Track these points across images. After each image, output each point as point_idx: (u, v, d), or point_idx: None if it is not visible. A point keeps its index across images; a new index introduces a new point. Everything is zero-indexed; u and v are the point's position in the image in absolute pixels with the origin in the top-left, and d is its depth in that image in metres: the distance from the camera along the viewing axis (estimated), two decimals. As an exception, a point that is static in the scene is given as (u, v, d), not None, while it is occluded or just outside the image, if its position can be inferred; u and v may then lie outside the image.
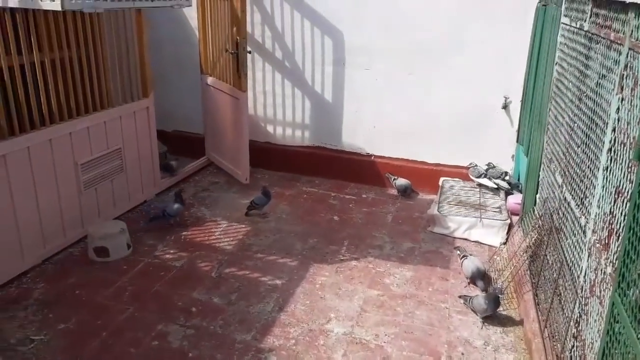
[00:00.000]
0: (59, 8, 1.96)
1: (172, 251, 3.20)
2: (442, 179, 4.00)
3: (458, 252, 3.12)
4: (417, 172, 4.11)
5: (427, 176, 4.08)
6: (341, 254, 3.24)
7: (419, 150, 4.10)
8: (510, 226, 3.40)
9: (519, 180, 3.76)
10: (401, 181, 4.04)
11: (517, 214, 3.46)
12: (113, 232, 3.05)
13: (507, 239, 3.34)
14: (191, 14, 4.29)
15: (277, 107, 4.40)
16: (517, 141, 3.71)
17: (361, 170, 4.26)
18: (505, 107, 3.79)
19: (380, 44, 3.91)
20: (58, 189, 3.02)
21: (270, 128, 4.49)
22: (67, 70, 3.01)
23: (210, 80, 4.22)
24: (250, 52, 3.94)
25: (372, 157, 4.26)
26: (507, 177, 3.77)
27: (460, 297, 2.74)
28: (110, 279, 2.85)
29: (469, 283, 2.91)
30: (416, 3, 3.74)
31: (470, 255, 3.04)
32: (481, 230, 3.40)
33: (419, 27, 3.78)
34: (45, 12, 2.76)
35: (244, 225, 3.58)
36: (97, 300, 2.66)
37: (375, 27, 3.88)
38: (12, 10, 2.60)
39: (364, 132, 4.21)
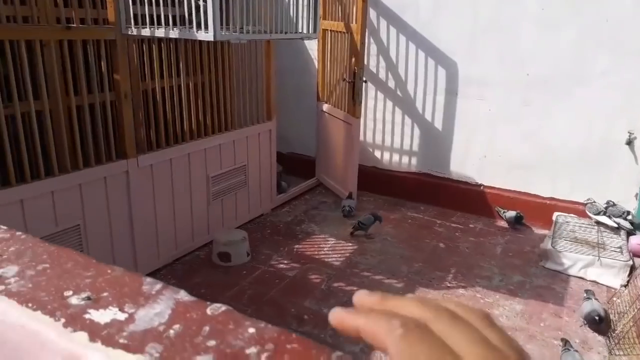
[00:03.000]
0: (211, 39, 2.28)
1: (285, 261, 3.43)
2: (556, 213, 3.86)
3: (585, 294, 2.96)
4: (529, 205, 4.00)
5: (539, 210, 3.96)
6: (447, 281, 3.25)
7: (532, 182, 4.00)
8: (633, 268, 3.19)
9: (643, 220, 3.53)
10: (511, 213, 3.97)
11: (639, 256, 3.25)
12: (236, 240, 3.34)
13: (628, 282, 3.14)
14: (311, 45, 4.62)
15: (386, 134, 4.54)
16: (644, 178, 3.50)
17: (469, 199, 4.24)
18: (630, 142, 3.60)
19: (495, 75, 3.92)
20: (191, 198, 3.39)
21: (378, 153, 4.63)
22: (204, 94, 3.40)
23: (325, 107, 4.49)
24: (365, 81, 4.15)
25: (482, 187, 4.23)
26: (629, 217, 3.55)
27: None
28: (232, 282, 3.13)
29: (584, 324, 2.78)
30: (536, 35, 3.72)
31: (596, 299, 2.88)
32: (599, 270, 3.23)
33: (538, 58, 3.74)
34: (188, 41, 3.17)
35: (350, 244, 3.72)
36: (219, 300, 2.91)
37: (491, 58, 3.90)
38: (160, 40, 3.02)
39: (474, 162, 4.20)
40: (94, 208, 2.73)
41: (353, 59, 3.92)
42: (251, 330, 0.38)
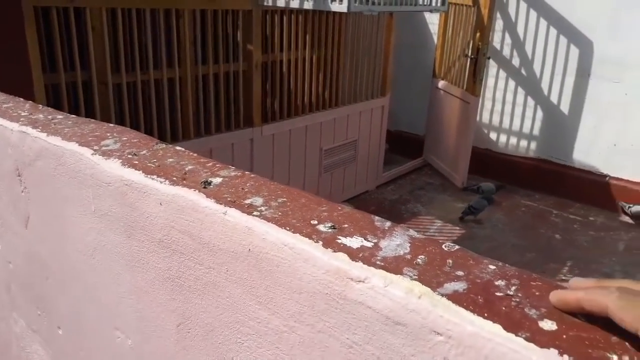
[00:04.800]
0: (345, 10, 2.32)
1: (391, 238, 3.45)
2: (695, 212, 3.49)
3: None
4: (663, 200, 3.65)
5: (674, 207, 3.60)
6: (562, 274, 3.09)
7: (669, 176, 3.64)
8: None
9: None
10: (638, 207, 3.64)
11: None
12: (345, 212, 3.43)
13: None
14: (432, 20, 4.51)
15: (504, 115, 4.34)
16: None
17: (591, 190, 3.95)
18: None
19: (637, 55, 3.57)
20: (305, 168, 3.52)
21: (493, 135, 4.46)
22: (325, 67, 3.48)
23: (441, 84, 4.39)
24: (489, 58, 3.99)
25: (607, 178, 3.91)
26: None
27: None
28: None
29: None
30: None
31: None
32: None
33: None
34: (315, 14, 3.24)
35: (457, 228, 3.65)
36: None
37: (635, 37, 3.56)
38: (290, 12, 3.11)
39: (601, 150, 3.89)
40: (221, 171, 2.94)
41: (477, 34, 3.77)
42: (492, 267, 0.42)
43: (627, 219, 3.77)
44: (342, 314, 0.42)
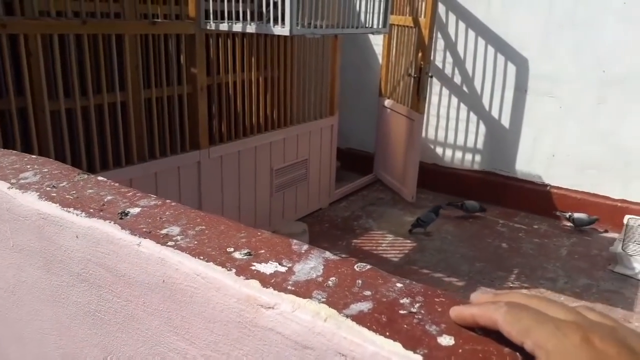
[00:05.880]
0: (287, 33, 2.35)
1: (343, 255, 3.47)
2: (627, 216, 3.69)
3: None
4: (598, 207, 3.85)
5: (609, 212, 3.80)
6: (510, 281, 3.20)
7: (602, 183, 3.85)
8: None
9: None
10: (581, 215, 3.81)
11: None
12: (297, 232, 3.42)
13: None
14: (376, 40, 4.64)
15: (449, 130, 4.49)
16: None
17: (534, 199, 4.13)
18: None
19: (568, 71, 3.80)
20: (256, 189, 3.50)
21: (439, 150, 4.59)
22: (272, 88, 3.50)
23: (388, 102, 4.50)
24: (431, 77, 4.12)
25: (548, 187, 4.10)
26: None
27: None
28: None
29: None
30: (616, 31, 3.56)
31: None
32: (675, 277, 3.08)
33: (617, 55, 3.59)
34: (260, 37, 3.26)
35: (409, 241, 3.72)
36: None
37: (566, 55, 3.78)
38: (234, 35, 3.12)
39: (541, 161, 4.09)
40: (167, 197, 2.85)
41: (420, 54, 3.90)
42: (399, 285, 0.43)
43: (568, 225, 3.95)
44: (254, 341, 0.42)
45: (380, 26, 2.79)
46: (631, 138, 3.66)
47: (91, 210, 0.57)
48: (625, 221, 3.67)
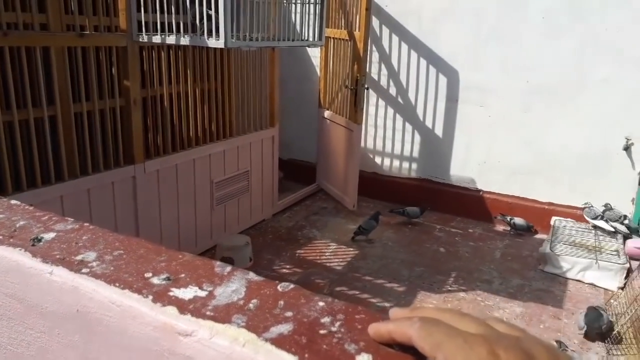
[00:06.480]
0: (222, 46, 2.33)
1: (288, 266, 3.46)
2: (554, 218, 3.93)
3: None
4: (528, 210, 4.07)
5: (538, 215, 4.02)
6: (449, 285, 3.30)
7: (531, 188, 4.07)
8: (629, 271, 3.26)
9: (639, 224, 3.60)
10: (521, 221, 4.00)
11: (636, 259, 3.32)
12: (239, 245, 3.38)
13: (625, 284, 3.20)
14: (314, 53, 4.69)
15: (386, 140, 4.60)
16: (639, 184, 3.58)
17: (468, 204, 4.30)
18: (627, 148, 3.68)
19: (496, 82, 4.00)
20: (195, 203, 3.42)
21: (378, 159, 4.69)
22: (209, 100, 3.45)
23: (327, 113, 4.55)
24: (367, 88, 4.21)
25: (481, 193, 4.29)
26: (625, 221, 3.63)
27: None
28: (236, 286, 3.16)
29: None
30: (537, 44, 3.80)
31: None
32: (597, 273, 3.29)
33: (538, 66, 3.82)
34: (195, 49, 3.22)
35: (351, 249, 3.76)
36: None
37: (493, 66, 3.99)
38: (169, 47, 3.07)
39: (474, 168, 4.27)
40: (101, 213, 2.76)
41: (355, 66, 3.98)
42: (321, 303, 0.43)
43: (501, 228, 4.13)
44: (173, 369, 0.41)
45: (315, 39, 2.83)
46: (554, 143, 3.90)
47: (0, 237, 0.54)
48: (552, 223, 3.90)
